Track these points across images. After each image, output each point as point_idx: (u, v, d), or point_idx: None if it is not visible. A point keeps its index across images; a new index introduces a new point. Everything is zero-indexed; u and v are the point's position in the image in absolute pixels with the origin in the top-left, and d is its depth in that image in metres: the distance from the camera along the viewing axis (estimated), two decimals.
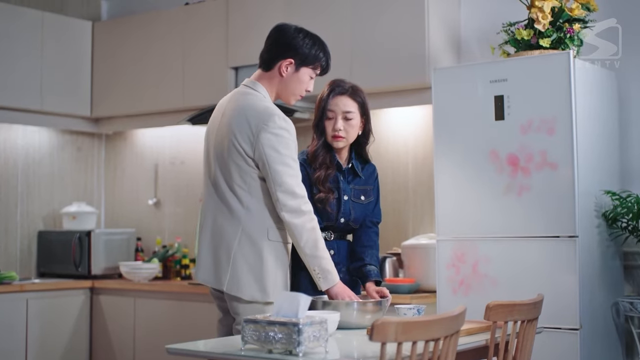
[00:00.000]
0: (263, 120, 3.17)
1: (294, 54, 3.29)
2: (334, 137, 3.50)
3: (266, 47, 3.36)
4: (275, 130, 3.16)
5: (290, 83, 3.33)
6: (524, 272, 3.97)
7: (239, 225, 3.20)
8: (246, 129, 3.19)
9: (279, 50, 3.30)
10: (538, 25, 3.94)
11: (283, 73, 3.30)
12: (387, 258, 4.87)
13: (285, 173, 3.14)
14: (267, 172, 3.15)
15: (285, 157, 3.16)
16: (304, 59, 3.31)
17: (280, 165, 3.14)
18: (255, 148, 3.16)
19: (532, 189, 3.96)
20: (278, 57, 3.30)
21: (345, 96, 3.51)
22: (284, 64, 3.29)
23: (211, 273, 3.26)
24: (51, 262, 6.14)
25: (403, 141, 5.24)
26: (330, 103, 3.50)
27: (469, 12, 4.99)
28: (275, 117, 3.17)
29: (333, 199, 3.48)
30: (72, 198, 6.43)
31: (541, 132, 3.94)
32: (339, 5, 5.08)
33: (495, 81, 4.08)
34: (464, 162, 4.18)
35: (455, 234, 4.19)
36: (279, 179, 3.14)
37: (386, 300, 3.28)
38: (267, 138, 3.15)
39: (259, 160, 3.17)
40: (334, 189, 3.50)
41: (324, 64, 3.39)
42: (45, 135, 6.37)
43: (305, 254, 3.18)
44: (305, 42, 3.31)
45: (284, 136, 3.17)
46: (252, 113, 3.20)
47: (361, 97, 3.55)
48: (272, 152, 3.15)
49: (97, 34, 6.33)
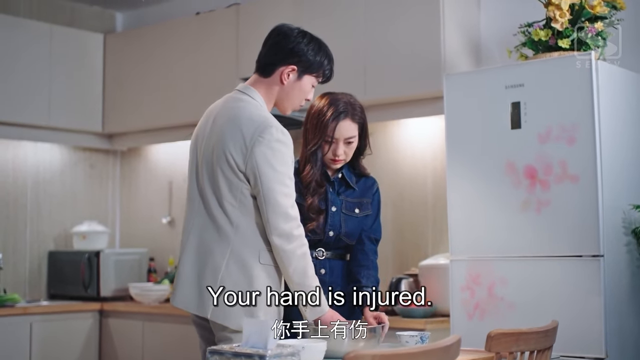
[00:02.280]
0: (259, 132, 2.83)
1: (298, 60, 2.96)
2: (333, 161, 3.24)
3: (265, 51, 3.02)
4: (272, 143, 2.83)
5: (291, 92, 3.00)
6: (543, 296, 3.62)
7: (227, 246, 2.87)
8: (239, 140, 2.86)
9: (281, 56, 2.97)
10: (555, 24, 3.60)
11: (284, 80, 2.97)
12: (402, 279, 4.56)
13: (280, 192, 2.82)
14: (259, 189, 2.83)
15: (280, 174, 2.83)
16: (308, 67, 2.99)
17: (275, 184, 2.82)
18: (248, 162, 2.83)
19: (552, 203, 3.61)
20: (279, 63, 2.97)
21: (348, 120, 3.22)
22: (285, 70, 2.96)
23: (194, 298, 2.93)
24: (61, 283, 5.93)
25: (421, 154, 4.93)
26: (335, 131, 3.20)
27: (489, 14, 4.66)
28: (272, 129, 2.84)
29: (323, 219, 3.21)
30: (84, 217, 6.21)
31: (561, 141, 3.60)
32: (350, 13, 4.82)
33: (511, 87, 3.75)
34: (478, 175, 3.85)
35: (469, 253, 3.86)
36: (272, 199, 2.82)
37: (382, 327, 2.98)
38: (262, 152, 2.82)
39: (250, 175, 2.84)
40: (322, 202, 3.22)
41: (328, 72, 3.07)
42: (56, 152, 6.18)
43: (292, 281, 2.87)
44: (310, 47, 2.98)
45: (280, 150, 2.84)
46: (247, 122, 2.87)
47: (360, 116, 3.27)
48: (266, 168, 2.82)
49: (108, 46, 6.13)
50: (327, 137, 3.19)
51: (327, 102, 3.23)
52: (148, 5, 6.37)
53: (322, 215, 3.21)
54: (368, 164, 5.11)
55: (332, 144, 3.20)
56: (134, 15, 6.54)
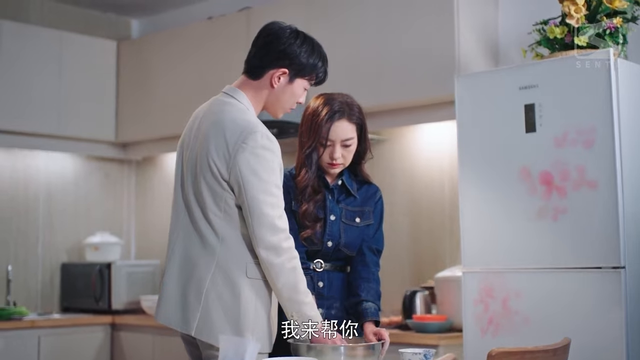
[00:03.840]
0: (242, 138, 2.64)
1: (289, 63, 2.76)
2: (330, 165, 3.04)
3: (255, 52, 2.82)
4: (257, 150, 2.63)
5: (281, 95, 2.81)
6: (560, 310, 3.39)
7: (212, 259, 2.68)
8: (222, 147, 2.67)
9: (271, 58, 2.77)
10: (570, 20, 3.38)
11: (274, 84, 2.78)
12: (417, 292, 4.35)
13: (265, 203, 2.62)
14: (243, 199, 2.64)
15: (266, 183, 2.63)
16: (301, 70, 2.79)
17: (260, 193, 2.62)
18: (231, 170, 2.64)
19: (569, 211, 3.39)
20: (270, 66, 2.77)
21: (344, 120, 3.02)
22: (276, 74, 2.77)
23: (177, 313, 2.75)
24: (74, 296, 5.80)
25: (437, 160, 4.71)
26: (329, 132, 3.01)
27: (507, 13, 4.44)
28: (257, 135, 2.64)
29: (320, 227, 3.02)
30: (98, 228, 6.08)
31: (578, 145, 3.38)
32: (363, 16, 4.65)
33: (524, 88, 3.53)
34: (491, 182, 3.63)
35: (482, 265, 3.64)
36: (257, 210, 2.62)
37: (381, 344, 2.79)
38: (245, 159, 2.63)
39: (234, 184, 2.65)
40: (320, 210, 3.04)
41: (322, 75, 2.86)
42: (69, 162, 6.06)
43: (282, 297, 2.68)
44: (303, 49, 2.78)
45: (266, 157, 2.64)
46: (231, 127, 2.68)
47: (358, 117, 3.07)
48: (250, 177, 2.63)
49: (122, 53, 6.01)
50: (321, 139, 3.00)
51: (322, 102, 3.05)
52: (163, 12, 6.26)
53: (318, 224, 3.02)
54: (383, 170, 4.98)
55: (329, 147, 3.02)
56: (149, 22, 6.42)
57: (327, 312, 3.04)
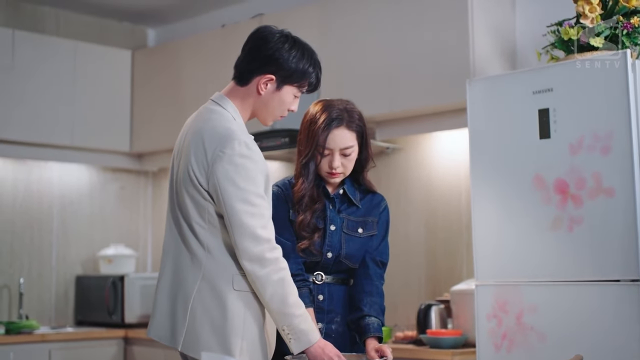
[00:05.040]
0: (220, 146, 2.54)
1: (276, 69, 2.64)
2: (329, 174, 2.90)
3: (243, 57, 2.71)
4: (234, 158, 2.52)
5: (269, 103, 2.69)
6: (577, 325, 3.22)
7: (199, 271, 2.59)
8: (202, 156, 2.57)
9: (258, 63, 2.65)
10: (585, 20, 3.22)
11: (261, 91, 2.66)
12: (432, 306, 4.19)
13: (245, 212, 2.51)
14: (223, 210, 2.54)
15: (245, 192, 2.52)
16: (288, 76, 2.66)
17: (238, 203, 2.51)
18: (210, 179, 2.54)
19: (585, 221, 3.22)
20: (256, 71, 2.65)
21: (343, 128, 2.88)
22: (262, 80, 2.64)
23: (167, 328, 2.66)
24: (88, 309, 5.71)
25: (454, 170, 4.56)
26: (327, 141, 2.87)
27: (526, 16, 4.27)
28: (234, 142, 2.53)
29: (319, 238, 2.89)
30: (114, 240, 5.99)
31: (595, 151, 3.21)
32: (377, 22, 4.52)
33: (538, 92, 3.37)
34: (503, 191, 3.47)
35: (495, 278, 3.48)
36: (237, 220, 2.51)
37: None
38: (223, 168, 2.52)
39: (213, 194, 2.55)
40: (320, 220, 2.90)
41: (313, 81, 2.73)
42: (84, 173, 5.98)
43: (271, 310, 2.56)
44: (292, 54, 2.65)
45: (244, 166, 2.53)
46: (210, 136, 2.58)
47: (358, 124, 2.92)
48: (227, 186, 2.52)
49: (137, 62, 5.93)
50: (319, 148, 2.87)
51: (320, 108, 2.92)
52: (178, 21, 6.19)
53: (317, 234, 2.89)
54: (398, 180, 4.83)
55: (327, 156, 2.88)
56: (165, 31, 6.35)
57: (327, 327, 2.91)
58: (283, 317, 2.55)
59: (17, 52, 5.36)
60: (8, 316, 5.50)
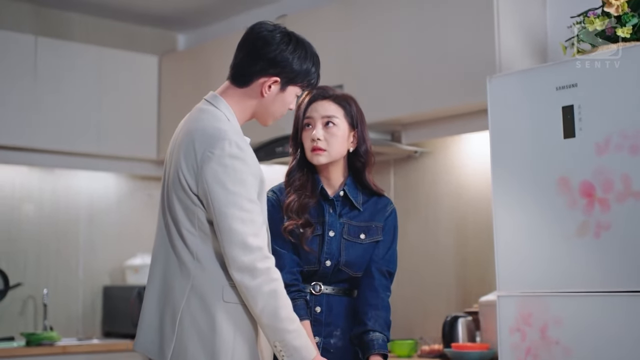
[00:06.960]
0: (209, 147, 2.39)
1: (281, 71, 2.51)
2: (312, 150, 2.73)
3: (242, 57, 2.55)
4: (224, 159, 2.37)
5: (272, 104, 2.56)
6: (605, 339, 2.96)
7: (187, 281, 2.43)
8: (191, 157, 2.42)
9: (261, 65, 2.51)
10: (609, 8, 2.97)
11: (265, 93, 2.52)
12: (458, 318, 3.96)
13: (234, 217, 2.34)
14: (212, 215, 2.38)
15: (235, 195, 2.35)
16: (294, 77, 2.53)
17: (228, 207, 2.35)
18: (199, 182, 2.39)
19: (613, 227, 2.97)
20: (259, 74, 2.51)
21: (328, 100, 2.76)
22: (267, 82, 2.51)
23: (154, 340, 2.50)
24: (115, 320, 5.59)
25: (485, 174, 4.29)
26: (308, 109, 2.76)
27: (558, 10, 4.00)
28: (224, 143, 2.38)
29: (310, 234, 2.69)
30: (141, 249, 5.86)
31: (623, 150, 2.96)
32: (400, 22, 4.31)
33: (562, 88, 3.13)
34: (526, 194, 3.24)
35: (519, 288, 3.24)
36: (226, 226, 2.35)
37: None
38: (212, 169, 2.37)
39: (203, 198, 2.40)
40: (315, 223, 2.71)
41: (314, 80, 2.61)
42: (112, 182, 5.87)
43: (262, 324, 2.39)
44: (296, 55, 2.52)
45: (235, 168, 2.37)
46: (200, 137, 2.43)
47: (349, 104, 2.77)
48: (217, 189, 2.36)
49: (163, 68, 5.81)
50: (301, 121, 2.78)
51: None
52: (207, 25, 6.05)
53: (305, 225, 2.72)
54: (428, 185, 4.60)
55: (310, 129, 2.76)
56: (194, 36, 6.22)
57: (325, 341, 2.71)
58: (275, 332, 2.38)
59: (39, 58, 5.27)
60: (34, 327, 5.41)
